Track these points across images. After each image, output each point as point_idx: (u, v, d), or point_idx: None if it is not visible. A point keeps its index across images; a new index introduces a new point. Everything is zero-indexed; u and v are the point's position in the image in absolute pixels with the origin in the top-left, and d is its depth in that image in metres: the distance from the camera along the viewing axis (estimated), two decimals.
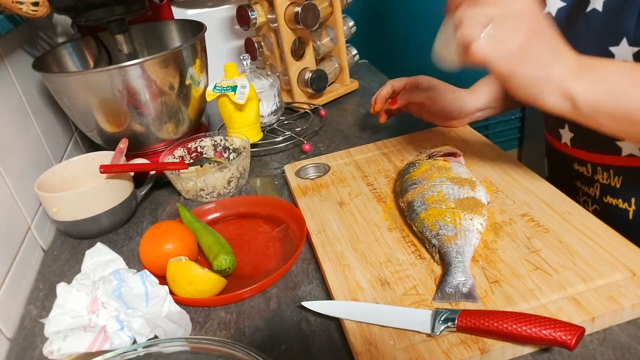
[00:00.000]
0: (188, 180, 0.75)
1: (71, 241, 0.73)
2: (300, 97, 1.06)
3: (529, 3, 0.48)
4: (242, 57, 0.93)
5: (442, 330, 0.46)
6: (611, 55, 0.59)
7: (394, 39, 1.94)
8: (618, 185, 0.66)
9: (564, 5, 0.66)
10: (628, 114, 0.49)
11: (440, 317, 0.46)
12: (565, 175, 0.75)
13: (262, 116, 0.94)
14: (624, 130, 0.51)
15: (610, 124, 0.50)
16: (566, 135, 0.71)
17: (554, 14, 0.66)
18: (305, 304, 0.53)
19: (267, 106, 0.95)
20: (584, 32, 0.62)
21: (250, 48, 1.08)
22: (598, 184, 0.69)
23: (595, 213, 0.70)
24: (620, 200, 0.67)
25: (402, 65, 1.90)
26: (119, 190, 0.72)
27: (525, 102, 0.52)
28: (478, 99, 0.80)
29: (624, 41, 0.57)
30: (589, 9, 0.61)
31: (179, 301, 0.56)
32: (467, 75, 0.77)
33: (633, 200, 0.66)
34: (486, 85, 0.81)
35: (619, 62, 0.56)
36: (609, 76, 0.50)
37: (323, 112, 1.00)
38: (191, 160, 0.82)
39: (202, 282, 0.56)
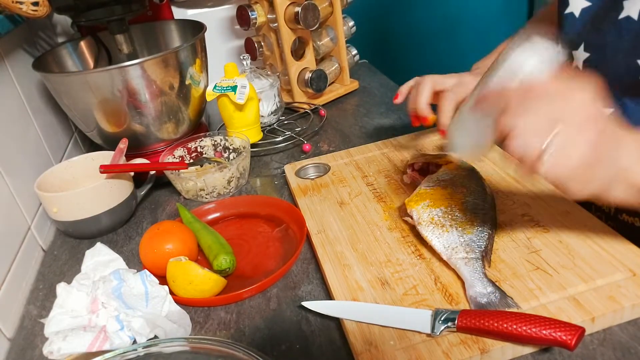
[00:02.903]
0: (188, 180, 0.75)
1: (71, 241, 0.73)
2: (300, 97, 1.06)
3: (588, 96, 0.41)
4: (242, 57, 0.93)
5: (442, 330, 0.46)
6: (638, 69, 0.55)
7: (394, 39, 1.94)
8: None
9: (588, 6, 0.60)
10: None
11: (440, 317, 0.46)
12: None
13: (262, 116, 0.94)
14: None
15: None
16: None
17: (577, 14, 0.61)
18: (305, 304, 0.53)
19: (267, 106, 0.95)
20: (612, 41, 0.57)
21: (250, 48, 1.08)
22: None
23: None
24: (637, 219, 0.64)
25: (402, 65, 1.90)
26: (119, 190, 0.72)
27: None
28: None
29: None
30: (621, 15, 0.55)
31: (179, 301, 0.56)
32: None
33: None
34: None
35: None
36: None
37: (323, 112, 1.00)
38: (191, 160, 0.82)
39: (202, 282, 0.56)
